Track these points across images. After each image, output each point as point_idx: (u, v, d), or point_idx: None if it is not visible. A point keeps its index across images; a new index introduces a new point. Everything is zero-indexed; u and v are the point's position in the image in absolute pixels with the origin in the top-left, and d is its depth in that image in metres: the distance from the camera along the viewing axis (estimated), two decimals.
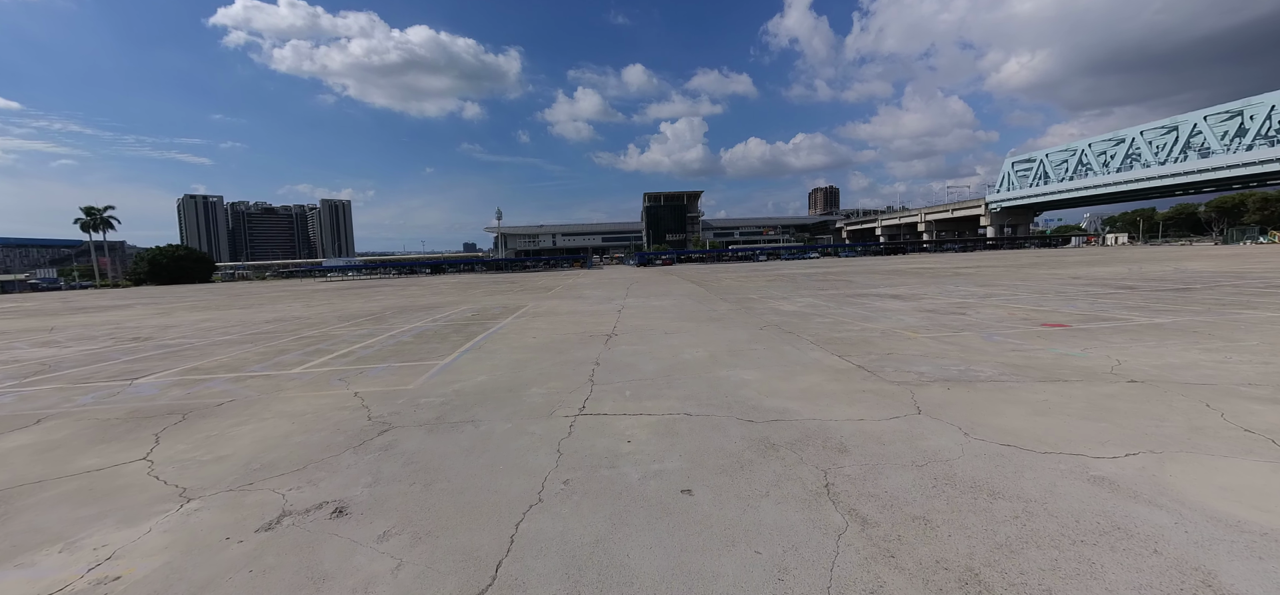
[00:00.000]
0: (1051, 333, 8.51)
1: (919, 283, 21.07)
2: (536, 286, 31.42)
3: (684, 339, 9.35)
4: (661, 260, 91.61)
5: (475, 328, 12.31)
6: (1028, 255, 55.21)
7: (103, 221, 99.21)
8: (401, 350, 9.47)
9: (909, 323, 10.27)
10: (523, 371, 7.19)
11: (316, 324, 14.86)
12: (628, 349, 8.56)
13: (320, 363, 8.58)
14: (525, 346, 9.25)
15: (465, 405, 5.63)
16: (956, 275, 25.08)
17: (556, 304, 18.16)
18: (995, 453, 3.69)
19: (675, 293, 21.22)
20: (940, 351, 7.33)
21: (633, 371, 6.89)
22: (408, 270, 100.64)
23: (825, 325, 10.39)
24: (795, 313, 12.73)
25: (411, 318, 15.44)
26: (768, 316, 12.17)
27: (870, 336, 8.83)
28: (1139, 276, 19.69)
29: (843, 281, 23.91)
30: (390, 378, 7.17)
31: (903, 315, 11.44)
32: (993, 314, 11.07)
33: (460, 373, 7.31)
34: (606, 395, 5.76)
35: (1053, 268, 28.30)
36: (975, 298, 14.47)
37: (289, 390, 6.72)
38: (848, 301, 14.89)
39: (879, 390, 5.47)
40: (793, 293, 18.73)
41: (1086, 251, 65.99)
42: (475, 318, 14.63)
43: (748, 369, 6.74)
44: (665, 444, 4.19)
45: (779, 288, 21.57)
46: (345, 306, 21.41)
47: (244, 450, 4.54)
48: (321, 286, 49.02)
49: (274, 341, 11.52)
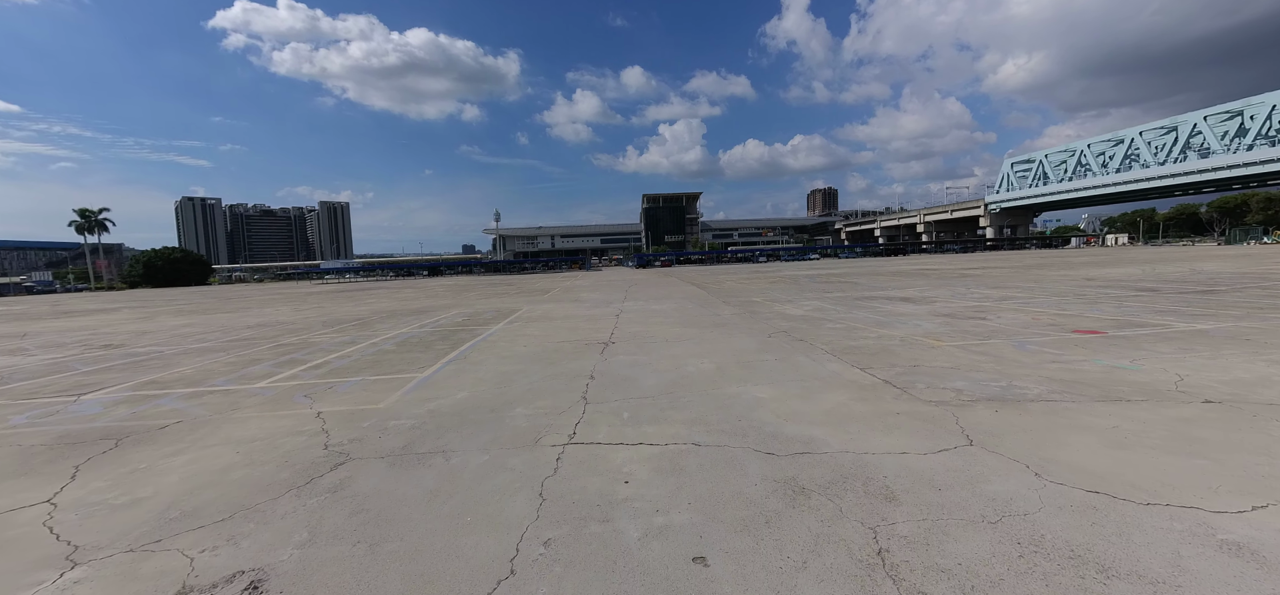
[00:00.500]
0: (1088, 341, 7.80)
1: (927, 285, 20.36)
2: (533, 289, 30.69)
3: (687, 348, 8.63)
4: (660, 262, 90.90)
5: (464, 335, 11.57)
6: (1031, 256, 54.58)
7: (97, 224, 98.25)
8: (380, 360, 8.73)
9: (928, 329, 9.55)
10: (509, 387, 6.46)
11: (299, 330, 14.12)
12: (626, 360, 7.84)
13: (289, 375, 7.84)
14: (514, 356, 8.52)
15: (439, 429, 4.90)
16: (963, 277, 24.38)
17: (552, 308, 17.43)
18: (1083, 504, 2.96)
19: (675, 296, 20.50)
20: (972, 363, 6.61)
21: (631, 387, 6.16)
22: (405, 272, 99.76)
23: (838, 332, 9.67)
24: (803, 317, 12.01)
25: (399, 323, 14.70)
26: (775, 322, 11.45)
27: (890, 345, 8.11)
28: (1156, 278, 18.99)
29: (847, 284, 23.21)
30: (361, 394, 6.44)
31: (919, 320, 10.72)
32: (1015, 319, 10.35)
33: (440, 388, 6.57)
34: (601, 417, 5.03)
35: (1061, 269, 27.62)
36: (991, 301, 13.76)
37: (246, 409, 5.99)
38: (857, 305, 14.18)
39: (916, 412, 4.75)
40: (797, 296, 18.02)
41: (1089, 252, 65.39)
42: (466, 323, 13.89)
43: (761, 384, 6.01)
44: (670, 486, 3.46)
45: (783, 290, 20.86)
46: (334, 310, 20.65)
47: (168, 490, 3.80)
48: (316, 289, 48.25)
49: (249, 349, 10.78)
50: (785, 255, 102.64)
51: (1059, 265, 31.87)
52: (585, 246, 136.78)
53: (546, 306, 18.06)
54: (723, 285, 26.19)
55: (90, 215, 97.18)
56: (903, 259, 68.81)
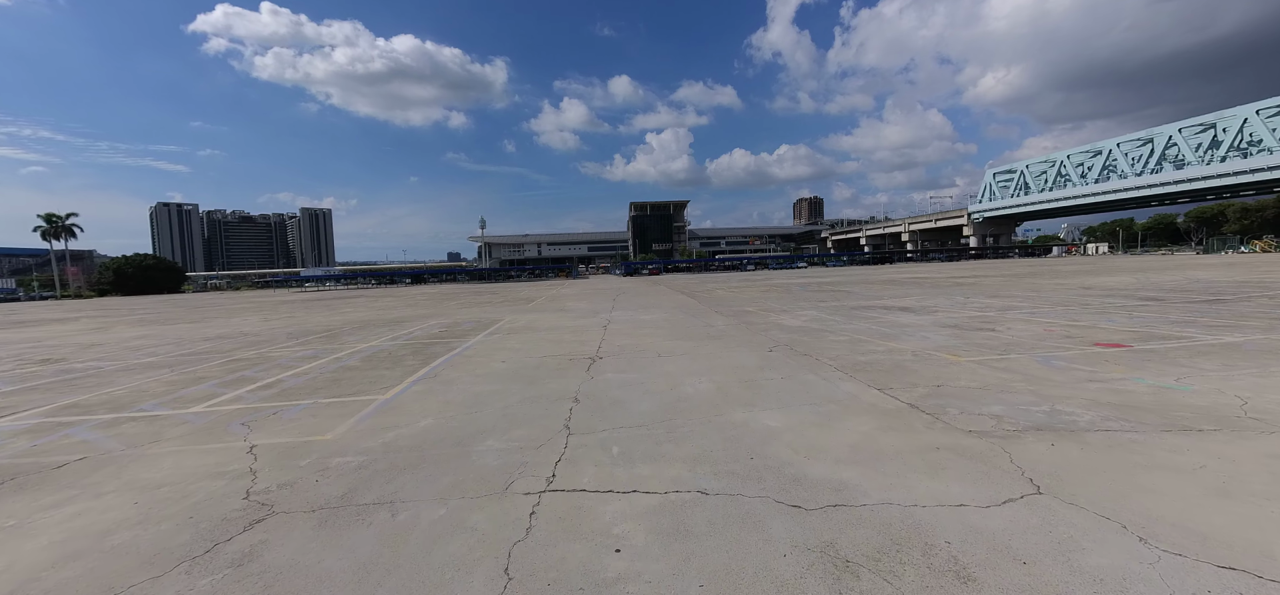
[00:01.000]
0: (1116, 356, 7.20)
1: (923, 293, 19.89)
2: (517, 298, 29.75)
3: (682, 364, 7.87)
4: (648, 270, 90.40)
5: (438, 348, 10.69)
6: (1019, 265, 54.94)
7: (64, 229, 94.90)
8: (340, 379, 7.84)
9: (938, 342, 8.92)
10: (481, 412, 5.64)
11: (262, 342, 13.10)
12: (615, 377, 7.05)
13: (232, 397, 6.92)
14: (491, 374, 7.68)
15: (390, 470, 4.07)
16: (957, 285, 24.02)
17: (536, 318, 16.58)
18: (1227, 591, 2.25)
19: (665, 305, 19.77)
20: (1001, 383, 5.94)
21: (621, 412, 5.38)
22: (388, 280, 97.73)
23: (843, 345, 8.99)
24: (802, 329, 11.34)
25: (371, 334, 13.75)
26: (773, 334, 10.75)
27: (903, 360, 7.43)
28: (1154, 286, 18.73)
29: (841, 292, 22.68)
30: (308, 422, 5.57)
31: (926, 332, 10.09)
32: (1027, 330, 9.78)
33: (402, 413, 5.73)
34: (586, 453, 4.24)
35: (1053, 277, 27.44)
36: (994, 310, 13.23)
37: (167, 441, 5.09)
38: (856, 315, 13.56)
39: (958, 447, 4.03)
40: (792, 305, 17.39)
41: (1073, 261, 66.17)
42: (442, 335, 12.99)
43: (770, 409, 5.27)
44: (674, 558, 2.69)
45: (776, 299, 20.24)
46: (305, 320, 19.56)
47: (23, 563, 2.93)
48: (292, 298, 46.70)
49: (198, 365, 9.78)
50: (773, 263, 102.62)
51: (1049, 274, 31.79)
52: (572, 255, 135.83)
53: (530, 316, 17.21)
54: (713, 294, 25.53)
55: (57, 220, 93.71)
56: (890, 267, 68.95)
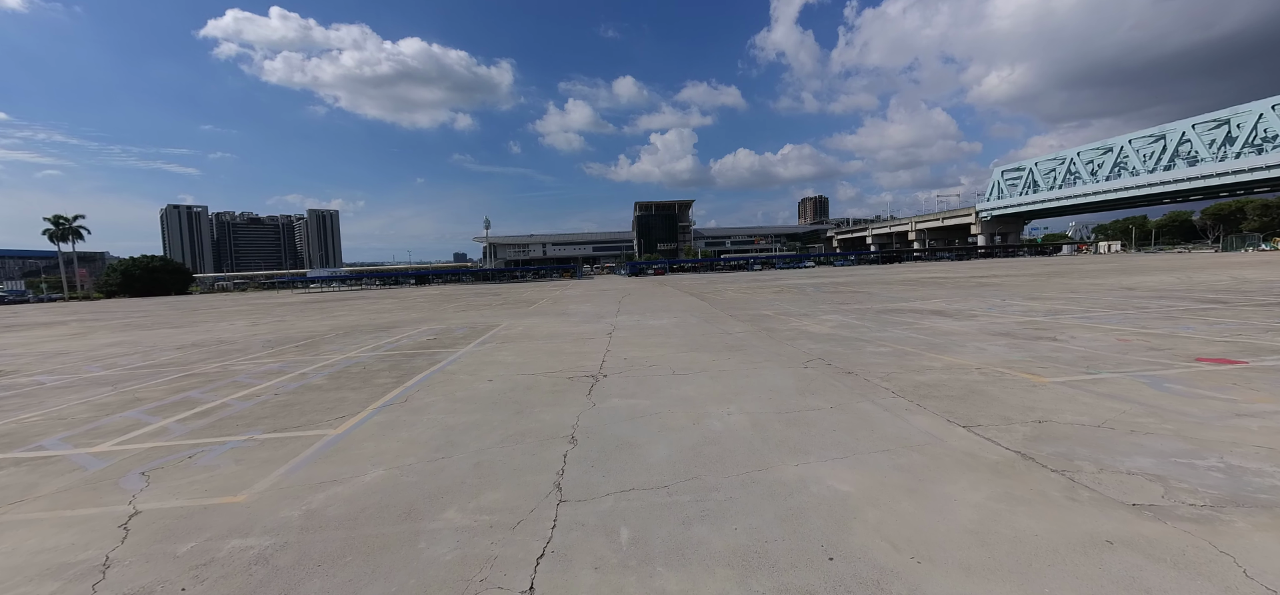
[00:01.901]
0: (1236, 375, 5.84)
1: (951, 295, 18.49)
2: (519, 300, 28.52)
3: (702, 385, 6.57)
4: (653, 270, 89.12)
5: (421, 361, 9.44)
6: (1035, 264, 53.26)
7: (72, 231, 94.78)
8: (294, 403, 6.58)
9: (1000, 355, 7.58)
10: (448, 459, 4.36)
11: (233, 351, 11.90)
12: (622, 404, 5.77)
13: (155, 429, 5.68)
14: (472, 399, 6.41)
15: (297, 568, 2.80)
16: (981, 286, 22.57)
17: (535, 323, 15.32)
18: None
19: (674, 308, 18.46)
20: (1121, 417, 4.61)
21: (631, 461, 4.10)
22: (393, 281, 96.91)
23: (888, 359, 7.66)
24: (832, 337, 10.01)
25: (354, 342, 12.53)
26: (801, 344, 9.43)
27: (973, 382, 6.10)
28: (1205, 287, 17.26)
29: (860, 294, 21.29)
30: (226, 471, 4.31)
31: (978, 343, 8.74)
32: (1097, 341, 8.41)
33: (347, 459, 4.46)
34: (583, 541, 2.95)
35: (1082, 277, 25.93)
36: (1041, 315, 11.85)
37: (34, 500, 3.85)
38: (887, 321, 12.21)
39: (1138, 539, 2.71)
40: (812, 308, 16.05)
41: (1092, 259, 64.34)
42: (429, 344, 11.75)
43: (832, 460, 3.96)
44: None
45: (792, 301, 18.89)
46: (291, 326, 18.40)
47: None
48: (292, 300, 45.71)
49: (147, 381, 8.58)
50: (780, 263, 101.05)
51: (1074, 273, 30.24)
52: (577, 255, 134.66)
53: (529, 321, 15.95)
54: (723, 295, 24.20)
55: (64, 222, 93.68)
56: (901, 267, 67.28)
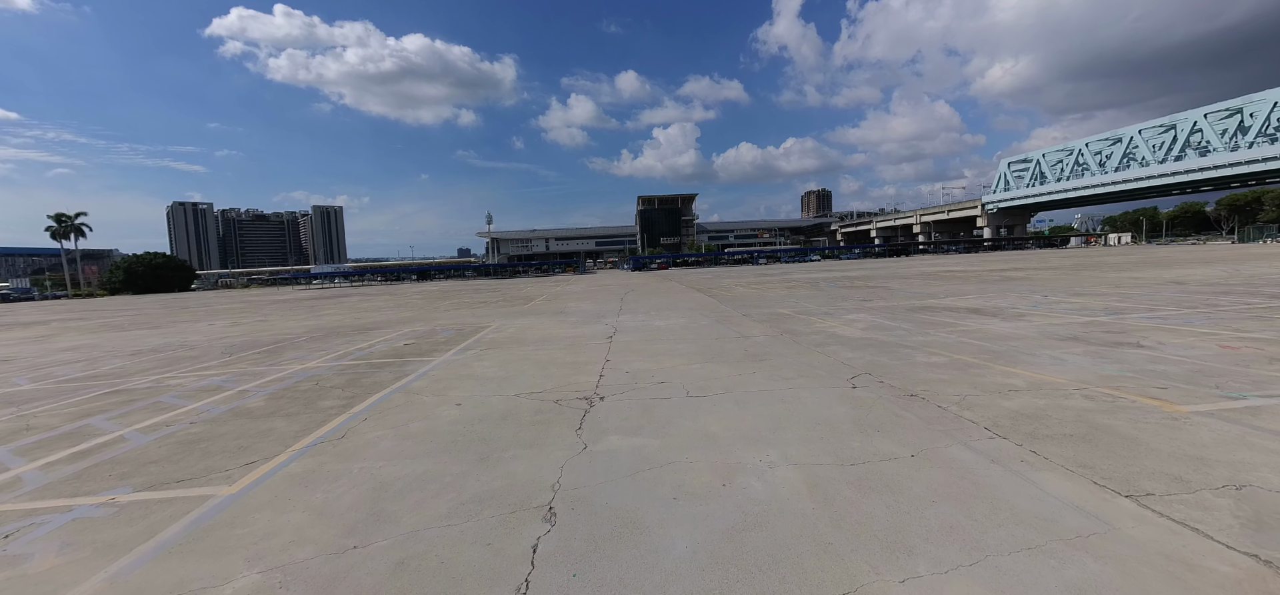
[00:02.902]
0: None
1: (980, 291, 16.99)
2: (516, 297, 27.12)
3: (726, 414, 5.15)
4: (657, 264, 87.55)
5: (387, 374, 8.04)
6: (1051, 256, 51.54)
7: (74, 229, 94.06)
8: (202, 440, 5.19)
9: (1089, 369, 6.12)
10: (360, 551, 2.95)
11: (187, 359, 10.54)
12: (622, 447, 4.35)
13: (3, 481, 4.30)
14: (428, 434, 5.00)
15: None
16: (1009, 280, 21.04)
17: (528, 324, 13.92)
18: None
19: (681, 305, 17.02)
20: None
21: (636, 563, 2.68)
22: (394, 277, 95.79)
23: (951, 374, 6.21)
24: (868, 342, 8.56)
25: (323, 348, 11.15)
26: (834, 352, 7.98)
27: (1087, 412, 4.65)
28: (1265, 280, 15.71)
29: (879, 289, 19.78)
30: (40, 567, 2.92)
31: (1047, 350, 7.28)
32: (1194, 348, 6.93)
33: (216, 547, 3.06)
34: None
35: (1116, 270, 24.34)
36: (1102, 314, 10.37)
37: None
38: (923, 322, 10.75)
39: None
40: (832, 306, 14.58)
41: (1106, 252, 62.47)
42: (403, 352, 10.35)
43: (953, 572, 2.53)
44: None
45: (807, 298, 17.41)
46: (270, 327, 17.07)
47: None
48: (287, 297, 44.44)
49: (63, 400, 7.21)
50: (785, 257, 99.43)
51: (1101, 266, 28.63)
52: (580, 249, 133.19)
53: (522, 321, 14.54)
54: (732, 291, 22.73)
55: (66, 220, 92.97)
56: (909, 260, 65.63)
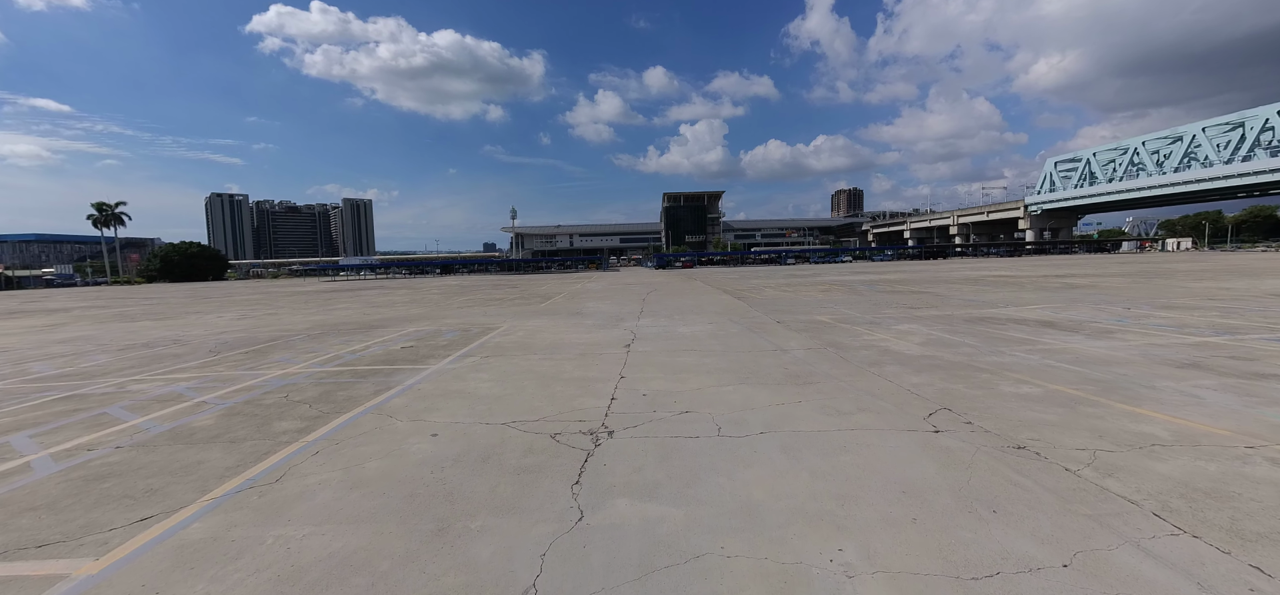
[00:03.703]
0: None
1: (1044, 299, 15.22)
2: (534, 294, 26.20)
3: (773, 468, 3.90)
4: (681, 262, 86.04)
5: (367, 387, 7.02)
6: (1108, 262, 48.27)
7: (114, 217, 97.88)
8: (112, 475, 4.19)
9: (1247, 412, 4.66)
10: None
11: (169, 357, 9.80)
12: (632, 517, 3.15)
13: None
14: (383, 481, 3.89)
15: None
16: (1071, 287, 19.07)
17: (540, 326, 12.86)
18: None
19: (707, 308, 15.74)
20: None
21: None
22: (418, 270, 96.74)
23: (1058, 414, 4.83)
24: (932, 362, 7.16)
25: (315, 349, 10.28)
26: (891, 372, 6.62)
27: None
28: None
29: (925, 294, 18.11)
30: None
31: (1166, 380, 5.77)
32: None
33: None
34: None
35: (1195, 279, 22.01)
36: (1207, 331, 8.68)
37: None
38: (990, 336, 9.24)
39: None
40: (876, 313, 13.09)
41: (1168, 258, 58.36)
42: (398, 356, 9.36)
43: None
44: None
45: (847, 303, 15.90)
46: (275, 322, 16.46)
47: None
48: (309, 289, 44.69)
49: (6, 407, 6.41)
50: (814, 257, 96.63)
51: (1177, 274, 26.11)
52: (604, 246, 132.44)
53: (535, 323, 13.50)
54: (762, 294, 21.30)
55: (107, 209, 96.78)
56: (948, 263, 62.55)
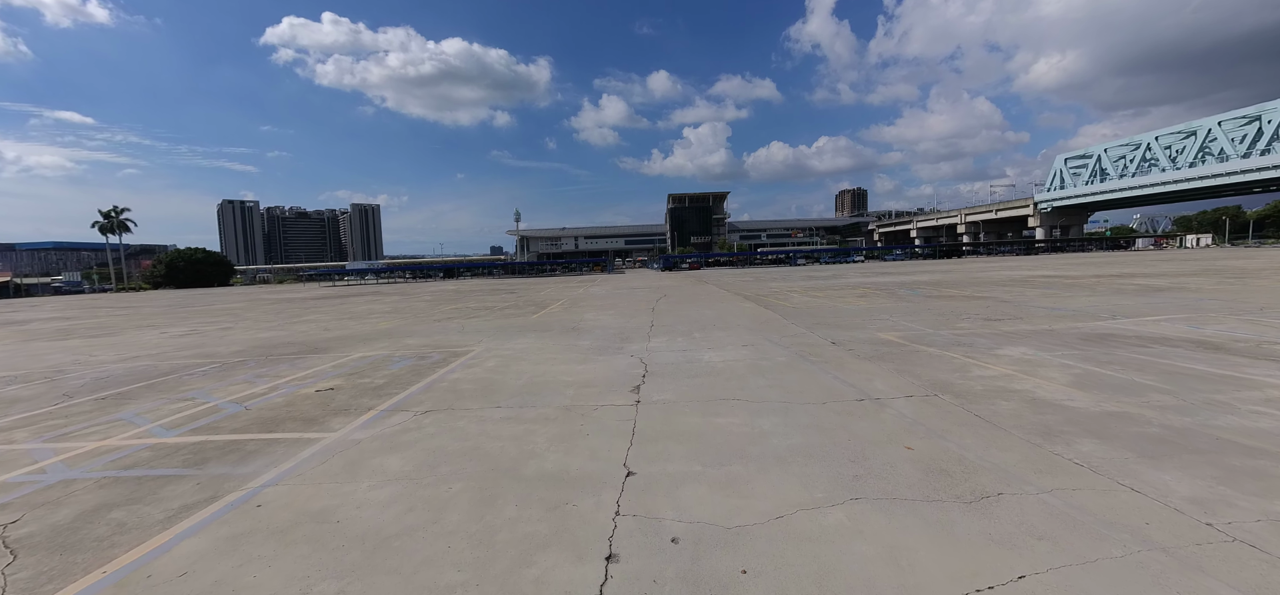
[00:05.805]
0: None
1: (1150, 309, 12.33)
2: (529, 302, 23.41)
3: None
4: (688, 263, 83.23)
5: (161, 499, 4.27)
6: (1148, 258, 45.00)
7: (119, 224, 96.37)
8: None
9: None
10: None
11: (114, 381, 7.13)
12: None
13: None
14: None
15: None
16: (1153, 290, 16.14)
17: (523, 351, 10.10)
18: None
19: (734, 322, 12.93)
20: None
21: None
22: (422, 274, 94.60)
23: None
24: (1143, 429, 4.35)
25: (216, 388, 7.55)
26: (1101, 460, 3.80)
27: None
28: None
29: (986, 300, 15.20)
30: None
31: None
32: None
33: None
34: None
35: (1263, 277, 18.97)
36: None
37: None
38: (1173, 376, 6.42)
39: None
40: (951, 327, 10.23)
41: (1196, 255, 54.85)
42: (304, 406, 6.59)
43: None
44: None
45: (901, 313, 13.04)
46: (218, 340, 13.82)
47: None
48: (296, 295, 42.20)
49: None
50: (825, 257, 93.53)
51: (1226, 272, 23.01)
52: (609, 248, 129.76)
53: (517, 345, 10.74)
54: (789, 300, 18.47)
55: (112, 216, 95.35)
56: (965, 263, 59.32)
